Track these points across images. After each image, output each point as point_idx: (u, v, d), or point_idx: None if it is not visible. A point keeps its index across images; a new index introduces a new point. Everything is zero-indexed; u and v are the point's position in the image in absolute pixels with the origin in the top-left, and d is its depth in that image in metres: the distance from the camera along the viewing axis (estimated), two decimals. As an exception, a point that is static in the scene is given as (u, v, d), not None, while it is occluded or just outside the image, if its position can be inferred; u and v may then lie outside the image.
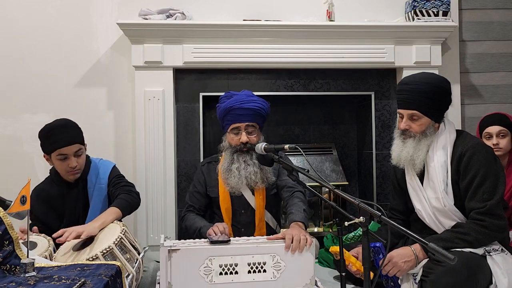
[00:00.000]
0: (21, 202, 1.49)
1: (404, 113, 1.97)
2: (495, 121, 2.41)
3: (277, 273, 1.78)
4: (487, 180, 1.84)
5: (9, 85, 2.86)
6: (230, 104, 2.22)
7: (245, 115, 2.20)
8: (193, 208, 2.34)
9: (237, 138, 2.23)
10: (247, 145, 2.21)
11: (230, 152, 2.25)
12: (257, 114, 2.23)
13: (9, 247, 1.47)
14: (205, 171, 2.38)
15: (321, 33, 2.84)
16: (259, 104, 2.24)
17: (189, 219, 2.26)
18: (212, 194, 2.33)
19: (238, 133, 2.23)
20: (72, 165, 2.14)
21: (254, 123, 2.24)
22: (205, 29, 2.75)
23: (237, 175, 2.19)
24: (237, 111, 2.20)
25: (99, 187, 2.23)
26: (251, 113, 2.21)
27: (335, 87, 2.98)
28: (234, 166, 2.20)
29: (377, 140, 3.01)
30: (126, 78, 2.92)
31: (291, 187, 2.25)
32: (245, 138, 2.20)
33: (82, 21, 2.90)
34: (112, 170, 2.30)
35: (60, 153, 2.12)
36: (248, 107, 2.20)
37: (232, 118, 2.22)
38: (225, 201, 2.27)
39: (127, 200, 2.12)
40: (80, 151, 2.17)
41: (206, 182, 2.36)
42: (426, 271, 1.77)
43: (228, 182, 2.22)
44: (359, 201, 1.46)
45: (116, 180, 2.24)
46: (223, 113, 2.25)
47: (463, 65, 3.19)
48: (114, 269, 1.53)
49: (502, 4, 3.21)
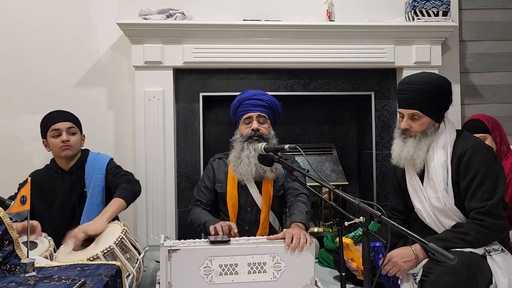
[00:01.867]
0: (21, 202, 1.49)
1: (405, 112, 1.97)
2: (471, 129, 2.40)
3: (277, 274, 1.78)
4: (487, 180, 1.84)
5: (9, 85, 2.86)
6: (243, 96, 2.36)
7: (257, 106, 2.31)
8: (200, 202, 2.36)
9: (248, 127, 2.29)
10: (257, 132, 2.26)
11: (240, 141, 2.29)
12: (269, 107, 2.33)
13: (9, 247, 1.47)
14: (215, 166, 2.41)
15: (321, 33, 2.84)
16: (271, 99, 2.36)
17: (195, 213, 2.29)
18: (220, 190, 2.35)
19: (250, 123, 2.29)
20: (64, 139, 2.24)
21: (266, 115, 2.32)
22: (205, 29, 2.75)
23: (247, 162, 2.22)
24: (250, 101, 2.31)
25: (97, 177, 2.27)
26: (264, 103, 2.31)
27: (335, 87, 2.98)
28: (244, 154, 2.24)
29: (377, 140, 3.01)
30: (126, 78, 2.92)
31: (296, 189, 2.27)
32: (256, 125, 2.28)
33: (82, 21, 2.90)
34: (109, 161, 2.36)
35: (53, 129, 2.25)
36: (261, 98, 2.32)
37: (244, 108, 2.32)
38: (232, 198, 2.29)
39: (129, 189, 2.15)
40: (72, 129, 2.30)
41: (215, 177, 2.38)
42: (426, 271, 1.77)
43: (237, 169, 2.25)
44: (359, 201, 1.46)
45: (114, 170, 2.28)
46: (237, 105, 2.35)
47: (463, 65, 3.19)
48: (114, 269, 1.54)
49: (502, 4, 3.21)
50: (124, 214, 2.58)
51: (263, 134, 2.27)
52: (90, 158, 2.34)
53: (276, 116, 2.39)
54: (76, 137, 2.30)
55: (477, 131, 2.43)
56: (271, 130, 2.34)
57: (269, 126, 2.33)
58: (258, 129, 2.27)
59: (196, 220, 2.24)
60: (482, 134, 2.43)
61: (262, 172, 2.23)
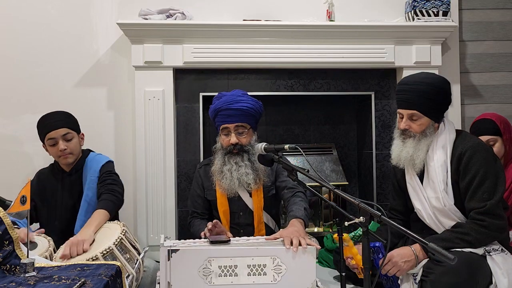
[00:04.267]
0: (21, 202, 1.49)
1: (404, 113, 1.97)
2: (482, 130, 2.36)
3: (277, 276, 1.74)
4: (487, 180, 1.84)
5: (9, 85, 2.86)
6: (218, 105, 2.24)
7: (234, 116, 2.20)
8: (196, 213, 2.35)
9: (227, 139, 2.23)
10: (236, 146, 2.21)
11: (221, 153, 2.26)
12: (246, 114, 2.22)
13: (9, 247, 1.47)
14: (202, 174, 2.38)
15: (321, 33, 2.84)
16: (248, 104, 2.22)
17: (195, 225, 2.28)
18: (209, 197, 2.33)
19: (228, 134, 2.23)
20: (61, 148, 2.21)
21: (244, 124, 2.22)
22: (205, 29, 2.75)
23: (229, 177, 2.19)
24: (225, 111, 2.20)
25: (91, 179, 2.27)
26: (240, 113, 2.20)
27: (335, 87, 2.98)
28: (226, 168, 2.20)
29: (377, 140, 3.01)
30: (126, 78, 2.91)
31: (292, 188, 2.24)
32: (234, 139, 2.20)
33: (82, 21, 2.90)
34: (104, 164, 2.32)
35: (49, 138, 2.22)
36: (236, 108, 2.19)
37: (221, 119, 2.23)
38: (223, 204, 2.27)
39: (112, 200, 2.14)
40: (68, 135, 2.25)
41: (204, 184, 2.36)
42: (426, 271, 1.77)
43: (221, 184, 2.22)
44: (359, 201, 1.46)
45: (104, 177, 2.26)
46: (213, 114, 2.28)
47: (463, 65, 3.18)
48: (114, 269, 1.54)
49: (502, 4, 3.21)
50: (124, 214, 2.60)
51: (243, 145, 2.21)
52: (88, 159, 2.34)
53: (257, 119, 2.30)
54: (73, 142, 2.27)
55: (488, 132, 2.34)
56: (252, 137, 2.27)
57: (249, 134, 2.25)
58: (237, 142, 2.21)
59: (196, 232, 2.21)
60: (493, 136, 2.33)
61: (245, 185, 2.20)
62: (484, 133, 2.35)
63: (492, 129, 2.35)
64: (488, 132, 2.35)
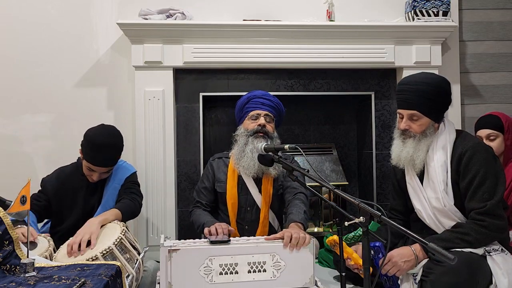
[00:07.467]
0: (21, 202, 1.49)
1: (404, 113, 1.97)
2: (485, 124, 2.40)
3: (277, 273, 1.79)
4: (487, 180, 1.84)
5: (9, 85, 2.86)
6: (252, 93, 2.37)
7: (266, 105, 2.33)
8: (200, 204, 2.36)
9: (254, 123, 2.30)
10: (264, 128, 2.28)
11: (245, 135, 2.30)
12: (276, 109, 2.35)
13: (9, 247, 1.47)
14: (215, 166, 2.42)
15: (321, 33, 2.84)
16: (278, 101, 2.38)
17: (196, 214, 2.30)
18: (219, 189, 2.35)
19: (257, 119, 2.31)
20: (93, 179, 2.21)
21: (272, 115, 2.34)
22: (205, 29, 2.75)
23: (250, 157, 2.22)
24: (259, 99, 2.33)
25: (114, 187, 2.28)
26: (272, 104, 2.34)
27: (335, 87, 2.98)
28: (248, 148, 2.24)
29: (377, 140, 3.01)
30: (126, 78, 2.92)
31: (294, 189, 2.27)
32: (263, 121, 2.29)
33: (82, 21, 2.90)
34: (131, 175, 2.34)
35: (89, 167, 2.18)
36: (270, 99, 2.35)
37: (253, 105, 2.33)
38: (232, 197, 2.30)
39: (130, 206, 2.18)
40: (108, 172, 2.24)
41: (215, 176, 2.39)
42: (426, 271, 1.77)
43: (240, 163, 2.26)
44: (359, 201, 1.46)
45: (129, 185, 2.29)
46: (244, 101, 2.36)
47: (463, 65, 3.19)
48: (114, 269, 1.54)
49: (502, 4, 3.21)
50: (124, 214, 2.59)
51: (269, 131, 2.28)
52: (115, 166, 2.30)
53: (280, 119, 2.42)
54: (107, 173, 2.26)
55: (490, 126, 2.37)
56: (275, 131, 2.36)
57: (274, 127, 2.35)
58: (265, 125, 2.29)
59: (196, 221, 2.25)
60: (495, 131, 2.37)
61: (265, 168, 2.23)
62: (487, 126, 2.37)
63: (496, 124, 2.38)
64: (490, 126, 2.38)
